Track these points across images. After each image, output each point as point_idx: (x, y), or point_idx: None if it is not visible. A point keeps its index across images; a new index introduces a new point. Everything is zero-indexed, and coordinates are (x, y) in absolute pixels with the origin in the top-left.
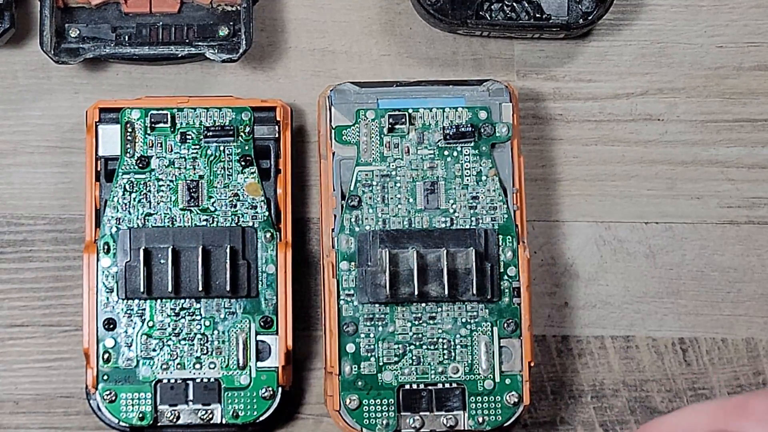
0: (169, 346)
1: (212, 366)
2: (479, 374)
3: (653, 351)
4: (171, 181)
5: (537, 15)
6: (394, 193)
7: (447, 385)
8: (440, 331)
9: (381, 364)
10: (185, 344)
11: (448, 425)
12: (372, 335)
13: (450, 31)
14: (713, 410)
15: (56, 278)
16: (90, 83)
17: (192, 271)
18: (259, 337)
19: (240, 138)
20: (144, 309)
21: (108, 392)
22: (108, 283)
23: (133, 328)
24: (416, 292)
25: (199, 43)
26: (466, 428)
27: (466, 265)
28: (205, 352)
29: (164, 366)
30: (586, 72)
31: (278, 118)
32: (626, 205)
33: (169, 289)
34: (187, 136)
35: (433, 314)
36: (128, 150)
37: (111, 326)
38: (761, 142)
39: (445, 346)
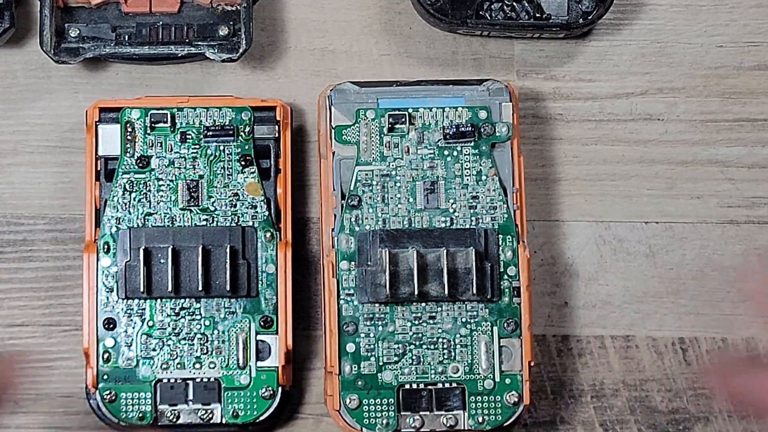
0: (169, 345)
1: (212, 366)
2: (479, 374)
3: (653, 351)
4: (171, 180)
5: (537, 15)
6: (394, 193)
7: (447, 385)
8: (440, 330)
9: (381, 363)
10: (185, 344)
11: (448, 425)
12: (372, 335)
13: (450, 31)
14: None
15: (56, 278)
16: (90, 83)
17: (192, 271)
18: (259, 337)
19: (240, 138)
20: (144, 309)
21: (108, 392)
22: (108, 282)
23: (133, 328)
24: (416, 292)
25: (199, 43)
26: (466, 428)
27: (466, 264)
28: (205, 351)
29: (164, 366)
30: (586, 72)
31: (278, 118)
32: (626, 204)
33: (169, 288)
34: (187, 136)
35: (433, 314)
36: (128, 150)
37: (111, 326)
38: (761, 142)
39: (445, 346)
